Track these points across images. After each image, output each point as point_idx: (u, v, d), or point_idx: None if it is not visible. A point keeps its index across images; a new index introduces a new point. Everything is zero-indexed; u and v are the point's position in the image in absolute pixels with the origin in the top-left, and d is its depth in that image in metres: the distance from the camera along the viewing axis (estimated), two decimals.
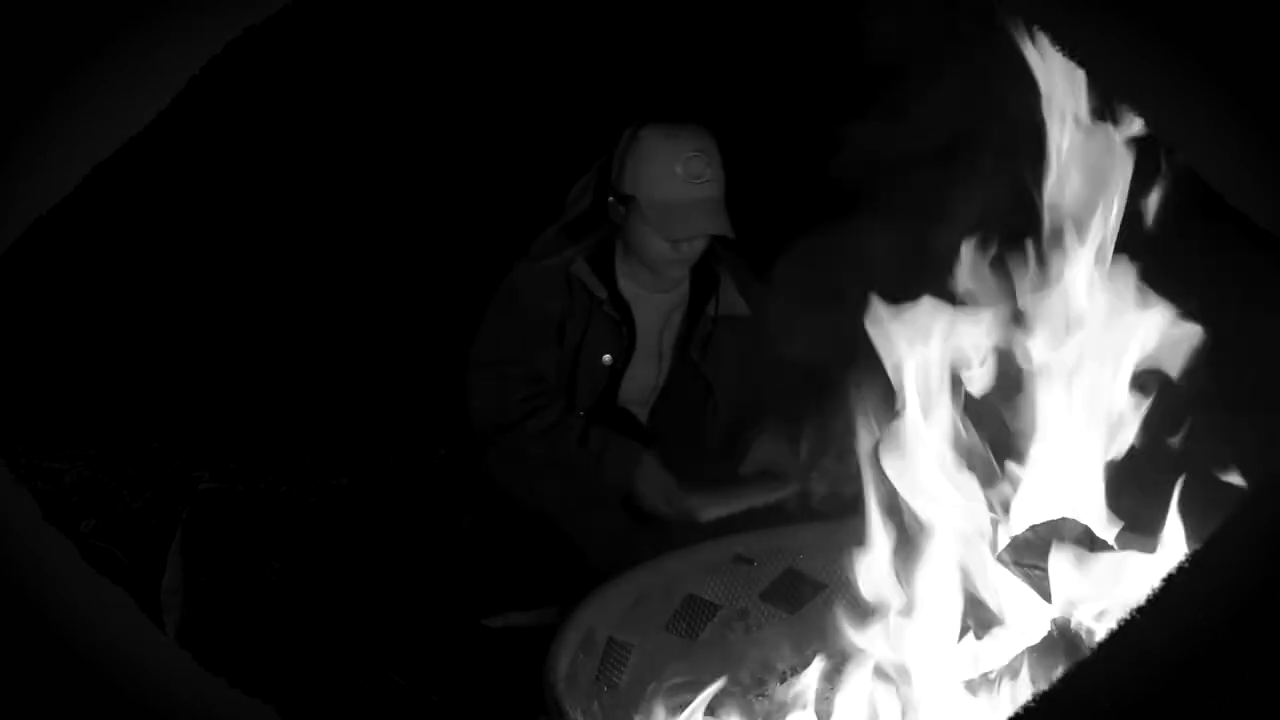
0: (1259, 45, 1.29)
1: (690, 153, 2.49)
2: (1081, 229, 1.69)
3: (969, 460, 1.72)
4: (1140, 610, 1.24)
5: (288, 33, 1.59)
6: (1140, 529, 1.73)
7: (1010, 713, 1.46)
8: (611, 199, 2.54)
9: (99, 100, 1.38)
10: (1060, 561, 1.57)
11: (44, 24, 1.36)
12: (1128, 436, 1.70)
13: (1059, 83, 1.67)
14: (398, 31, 3.86)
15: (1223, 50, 1.30)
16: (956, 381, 1.73)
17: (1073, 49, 1.34)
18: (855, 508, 1.86)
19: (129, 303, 3.91)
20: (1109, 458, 1.70)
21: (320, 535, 2.79)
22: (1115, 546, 1.64)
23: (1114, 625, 1.30)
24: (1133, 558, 1.59)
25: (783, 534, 2.11)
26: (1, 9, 1.35)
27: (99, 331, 3.83)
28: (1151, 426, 1.72)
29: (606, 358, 2.58)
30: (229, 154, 3.94)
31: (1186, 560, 1.24)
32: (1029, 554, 1.63)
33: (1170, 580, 1.23)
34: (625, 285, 2.60)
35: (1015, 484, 1.72)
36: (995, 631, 1.66)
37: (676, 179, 2.48)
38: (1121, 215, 1.68)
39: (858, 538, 1.76)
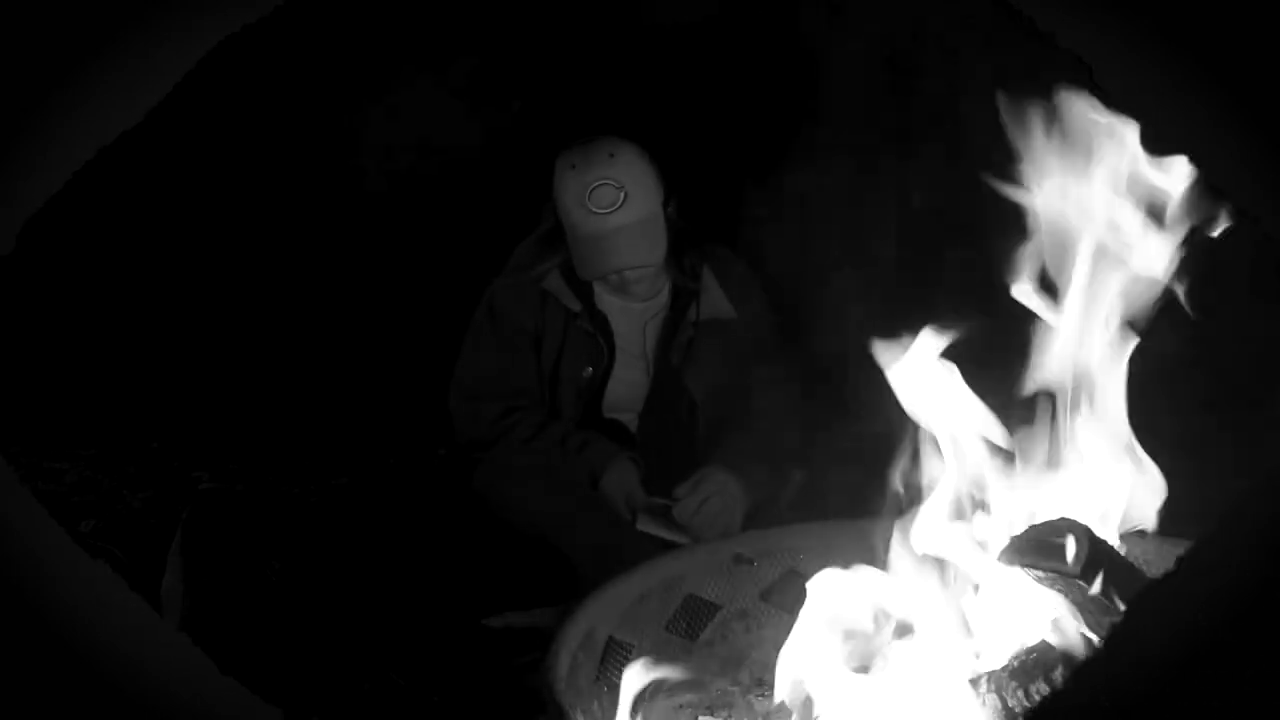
0: (1259, 45, 1.29)
1: (596, 183, 2.39)
2: None
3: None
4: (1140, 610, 1.24)
5: (284, 35, 1.59)
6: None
7: (1010, 713, 1.46)
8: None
9: (99, 100, 1.38)
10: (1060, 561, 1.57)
11: (44, 24, 1.36)
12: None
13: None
14: (396, 33, 3.86)
15: (1223, 50, 1.30)
16: None
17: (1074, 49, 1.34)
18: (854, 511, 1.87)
19: (129, 303, 3.91)
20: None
21: (320, 535, 2.78)
22: (1115, 546, 1.64)
23: (1114, 625, 1.30)
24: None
25: (783, 534, 2.11)
26: (1, 9, 1.35)
27: (99, 331, 3.83)
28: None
29: (587, 370, 2.56)
30: (229, 154, 3.94)
31: (1186, 559, 1.24)
32: (1029, 554, 1.63)
33: (1170, 580, 1.23)
34: (602, 296, 2.57)
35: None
36: (994, 632, 1.66)
37: (585, 213, 2.40)
38: None
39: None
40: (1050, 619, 1.58)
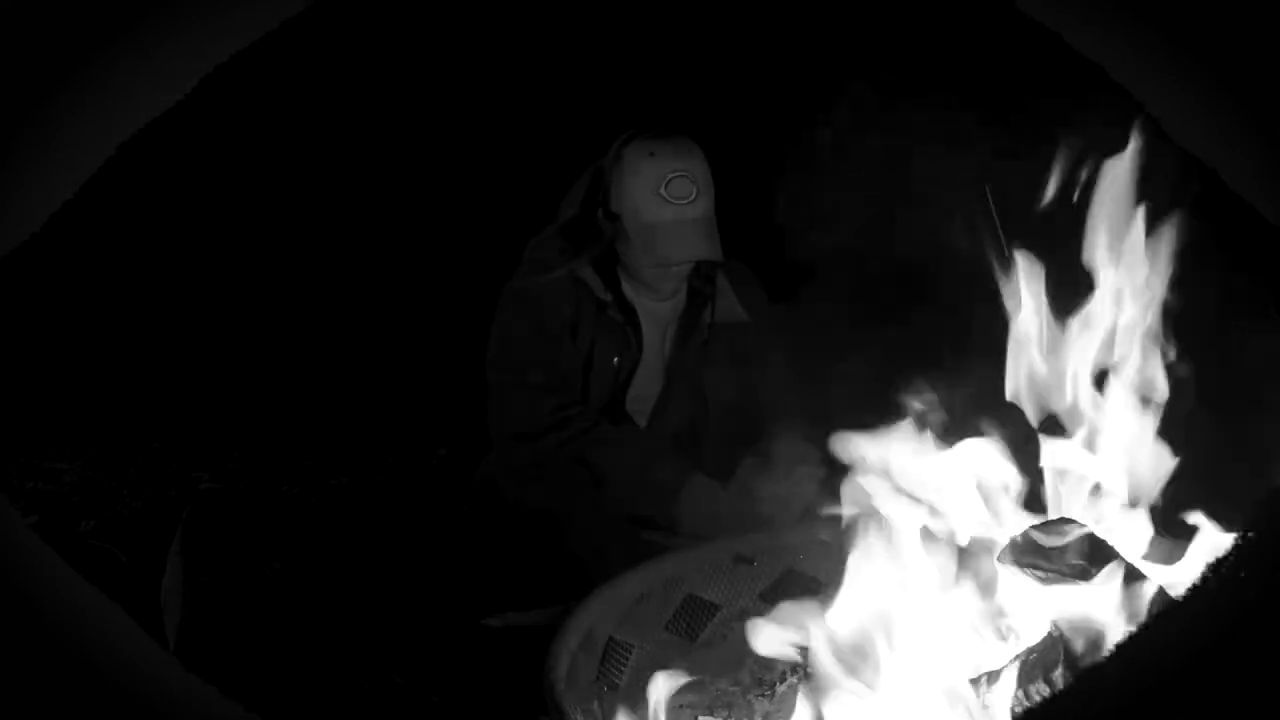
0: (1260, 45, 1.29)
1: (673, 173, 2.42)
2: None
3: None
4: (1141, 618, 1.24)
5: (288, 36, 1.59)
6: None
7: (1010, 714, 1.46)
8: (601, 212, 2.51)
9: (100, 101, 1.38)
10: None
11: (46, 24, 1.36)
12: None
13: None
14: (397, 35, 3.86)
15: (1224, 51, 1.30)
16: None
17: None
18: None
19: (129, 303, 3.91)
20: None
21: (320, 535, 2.79)
22: (1115, 548, 1.64)
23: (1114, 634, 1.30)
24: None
25: (783, 534, 2.11)
26: (4, 9, 1.35)
27: (99, 332, 3.83)
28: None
29: (614, 359, 2.58)
30: (229, 155, 3.94)
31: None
32: (1029, 555, 1.63)
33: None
34: (627, 291, 2.60)
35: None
36: (995, 633, 1.66)
37: (659, 201, 2.42)
38: None
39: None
40: (1051, 619, 1.58)
